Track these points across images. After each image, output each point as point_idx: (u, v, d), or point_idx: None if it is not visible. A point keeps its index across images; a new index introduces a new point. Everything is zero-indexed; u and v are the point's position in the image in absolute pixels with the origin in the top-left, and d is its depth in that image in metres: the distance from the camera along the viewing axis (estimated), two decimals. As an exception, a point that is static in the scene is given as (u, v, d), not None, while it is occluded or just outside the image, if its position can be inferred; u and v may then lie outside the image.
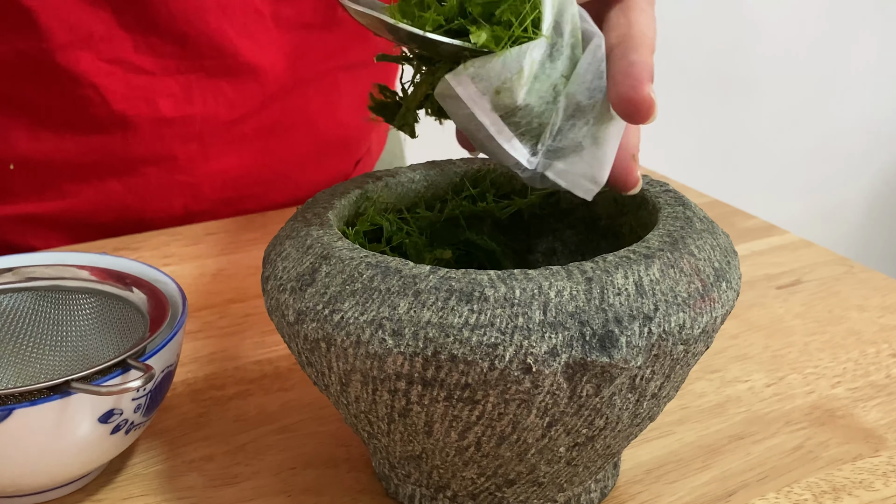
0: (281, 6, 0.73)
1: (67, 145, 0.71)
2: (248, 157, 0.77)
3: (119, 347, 0.47)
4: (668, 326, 0.37)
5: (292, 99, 0.77)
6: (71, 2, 0.66)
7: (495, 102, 0.39)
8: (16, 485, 0.43)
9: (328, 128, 0.80)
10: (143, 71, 0.70)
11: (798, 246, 0.73)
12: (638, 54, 0.39)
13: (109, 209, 0.74)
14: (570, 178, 0.41)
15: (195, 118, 0.73)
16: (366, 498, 0.46)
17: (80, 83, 0.68)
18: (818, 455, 0.49)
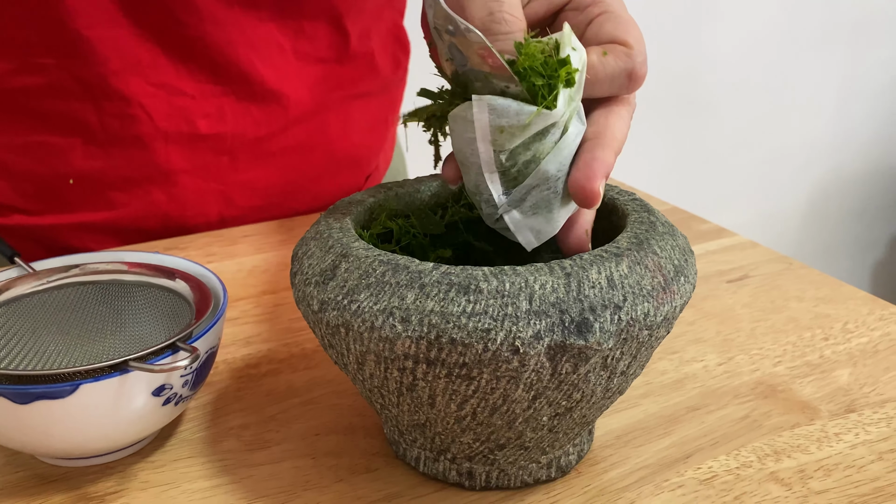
0: (299, 42, 0.73)
1: (116, 160, 0.71)
2: (273, 170, 0.77)
3: (169, 332, 0.47)
4: (635, 314, 0.37)
5: (312, 122, 0.77)
6: (123, 34, 0.66)
7: (495, 137, 0.39)
8: (82, 449, 0.43)
9: (342, 147, 0.80)
10: (184, 94, 0.70)
11: (745, 246, 0.73)
12: (602, 152, 0.40)
13: (154, 216, 0.74)
14: (520, 227, 0.42)
15: (227, 135, 0.73)
16: (379, 460, 0.46)
17: (130, 103, 0.68)
18: (762, 423, 0.49)
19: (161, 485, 0.44)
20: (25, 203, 0.72)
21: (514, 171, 0.40)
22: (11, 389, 0.40)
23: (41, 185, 0.71)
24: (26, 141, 0.69)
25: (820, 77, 2.03)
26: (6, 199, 0.71)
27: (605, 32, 0.42)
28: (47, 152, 0.69)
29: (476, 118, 0.39)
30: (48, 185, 0.71)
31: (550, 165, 0.40)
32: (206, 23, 0.68)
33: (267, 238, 0.75)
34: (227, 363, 0.55)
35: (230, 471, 0.45)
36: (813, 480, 0.44)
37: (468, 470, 0.43)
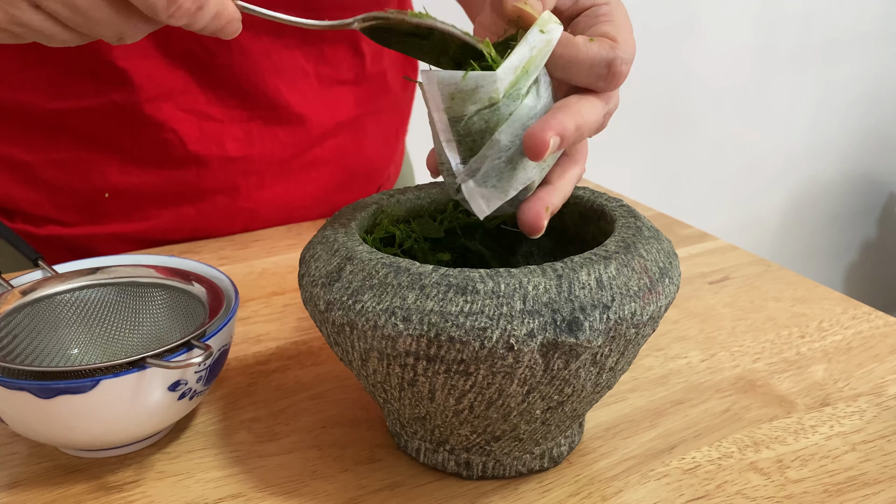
0: (321, 66, 0.73)
1: (150, 178, 0.71)
2: (295, 186, 0.77)
3: (184, 330, 0.47)
4: (623, 314, 0.37)
5: (330, 139, 0.77)
6: (155, 64, 0.67)
7: (448, 105, 0.39)
8: (101, 441, 0.43)
9: (357, 161, 0.81)
10: (214, 119, 0.70)
11: (726, 250, 0.73)
12: (562, 115, 0.38)
13: (183, 229, 0.74)
14: (473, 195, 0.40)
15: (255, 157, 0.73)
16: (381, 451, 0.46)
17: (163, 128, 0.68)
18: (742, 416, 0.49)
19: (176, 474, 0.44)
20: (61, 215, 0.71)
21: (469, 140, 0.39)
22: (35, 385, 0.39)
23: (77, 198, 0.71)
24: (64, 157, 0.69)
25: (795, 90, 2.04)
26: (42, 210, 0.71)
27: (600, 31, 0.42)
28: (84, 168, 0.69)
29: (427, 90, 0.39)
30: (84, 198, 0.71)
31: (503, 136, 0.39)
32: (234, 52, 0.68)
33: (276, 242, 0.75)
34: (239, 360, 0.55)
35: (242, 461, 0.45)
36: (790, 470, 0.44)
37: (466, 460, 0.43)
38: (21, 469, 0.45)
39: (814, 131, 2.12)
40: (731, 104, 1.96)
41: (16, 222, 0.72)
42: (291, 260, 0.71)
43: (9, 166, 0.69)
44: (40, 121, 0.67)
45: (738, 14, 1.87)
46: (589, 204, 0.47)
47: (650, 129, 1.87)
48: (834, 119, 2.13)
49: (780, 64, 1.98)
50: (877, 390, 0.51)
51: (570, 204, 0.48)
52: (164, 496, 0.42)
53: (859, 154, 2.21)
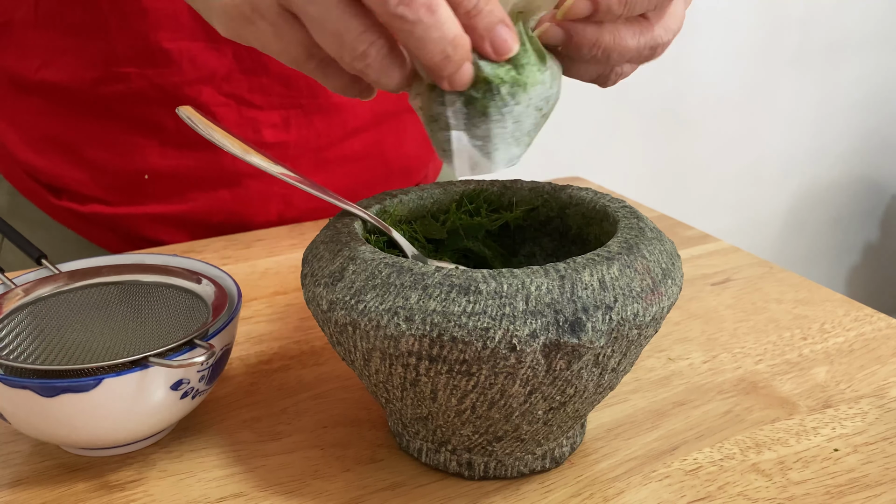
0: None
1: (188, 160, 0.72)
2: (330, 176, 0.78)
3: (187, 330, 0.47)
4: (625, 315, 0.37)
5: (369, 134, 0.78)
6: (200, 47, 0.68)
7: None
8: (104, 439, 0.43)
9: (395, 158, 0.81)
10: (253, 105, 0.71)
11: (728, 251, 0.73)
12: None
13: (219, 213, 0.75)
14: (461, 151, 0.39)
15: (290, 144, 0.74)
16: (383, 451, 0.46)
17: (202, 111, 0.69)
18: (744, 418, 0.49)
19: (178, 473, 0.44)
20: (104, 194, 0.73)
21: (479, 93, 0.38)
22: (38, 383, 0.39)
23: (119, 178, 0.72)
24: (108, 139, 0.71)
25: (797, 93, 2.04)
26: (87, 189, 0.73)
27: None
28: (127, 150, 0.71)
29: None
30: (126, 178, 0.72)
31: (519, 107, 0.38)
32: None
33: (278, 242, 0.75)
34: (241, 359, 0.55)
35: (244, 460, 0.45)
36: (792, 472, 0.44)
37: (468, 461, 0.43)
38: (23, 467, 0.45)
39: (816, 133, 2.12)
40: (734, 106, 1.95)
41: (62, 200, 0.74)
42: (293, 260, 0.71)
43: (57, 146, 0.71)
44: (86, 102, 0.69)
45: (741, 16, 1.87)
46: (592, 205, 0.47)
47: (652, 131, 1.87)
48: (836, 121, 2.13)
49: (782, 66, 1.98)
50: (879, 392, 0.51)
51: (572, 205, 0.48)
52: (166, 495, 0.42)
53: (861, 156, 2.21)
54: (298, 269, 0.69)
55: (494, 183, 0.51)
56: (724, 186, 2.03)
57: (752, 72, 1.94)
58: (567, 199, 0.49)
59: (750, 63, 1.93)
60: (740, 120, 1.98)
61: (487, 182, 0.51)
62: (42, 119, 0.71)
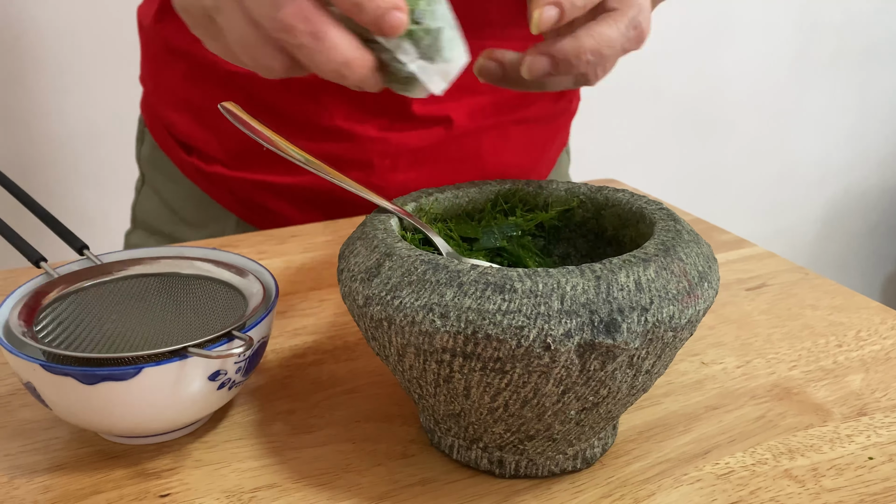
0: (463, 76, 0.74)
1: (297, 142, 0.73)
2: (427, 174, 0.79)
3: (225, 322, 0.47)
4: (661, 316, 0.37)
5: (468, 140, 0.79)
6: None
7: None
8: (142, 428, 0.44)
9: (493, 164, 0.82)
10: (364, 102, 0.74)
11: (764, 256, 0.72)
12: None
13: (324, 191, 0.78)
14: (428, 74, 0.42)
15: (391, 140, 0.76)
16: (414, 447, 0.46)
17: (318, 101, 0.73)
18: (777, 424, 0.48)
19: (213, 463, 0.45)
20: (226, 157, 0.78)
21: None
22: (80, 371, 0.40)
23: (242, 145, 0.76)
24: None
25: (833, 98, 2.01)
26: (212, 150, 0.78)
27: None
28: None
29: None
30: (247, 147, 0.76)
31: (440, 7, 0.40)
32: None
33: (314, 238, 0.76)
34: (276, 353, 0.55)
35: (277, 452, 0.45)
36: (825, 479, 0.44)
37: (499, 458, 0.43)
38: (62, 453, 0.45)
39: (852, 140, 2.09)
40: (768, 110, 1.93)
41: (192, 157, 0.80)
42: (328, 256, 0.71)
43: (193, 109, 0.78)
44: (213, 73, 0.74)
45: (776, 20, 1.85)
46: (628, 207, 0.47)
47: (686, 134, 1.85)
48: (872, 128, 2.10)
49: (818, 71, 1.95)
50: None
51: (608, 206, 0.48)
52: (200, 484, 0.43)
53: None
54: (333, 265, 0.70)
55: (530, 183, 0.51)
56: (757, 191, 2.01)
57: (787, 76, 1.92)
58: (603, 200, 0.48)
59: (785, 67, 1.91)
60: (775, 125, 1.96)
61: (523, 182, 0.51)
62: (186, 84, 0.77)
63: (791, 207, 2.09)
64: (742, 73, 1.86)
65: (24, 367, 0.41)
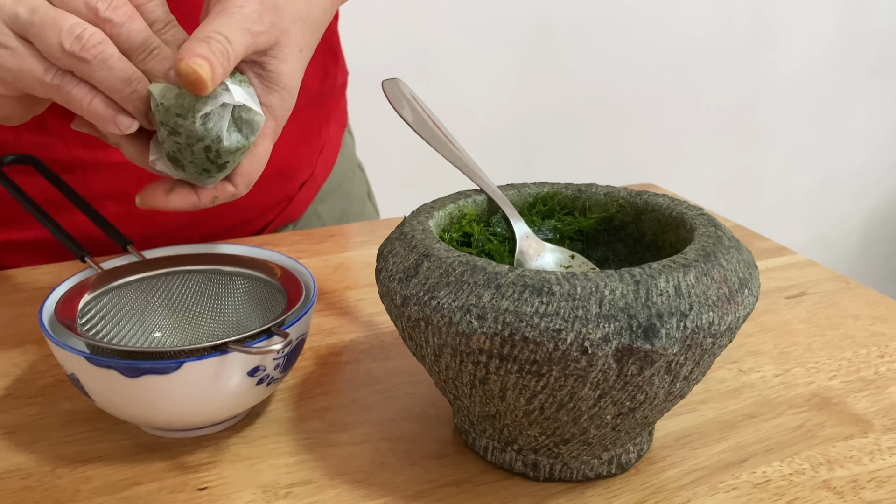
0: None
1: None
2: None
3: (264, 319, 0.48)
4: (700, 322, 0.36)
5: None
6: None
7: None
8: (181, 421, 0.44)
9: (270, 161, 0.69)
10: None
11: (804, 265, 0.71)
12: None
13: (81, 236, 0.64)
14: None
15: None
16: (449, 447, 0.46)
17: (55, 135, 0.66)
18: (816, 434, 0.48)
19: (250, 458, 0.45)
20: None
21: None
22: (122, 364, 0.41)
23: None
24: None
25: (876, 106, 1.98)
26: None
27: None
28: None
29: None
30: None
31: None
32: None
33: (350, 238, 0.76)
34: (313, 350, 0.56)
35: (313, 449, 0.46)
36: (865, 491, 0.43)
37: (533, 461, 0.43)
38: (104, 445, 0.46)
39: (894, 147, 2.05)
40: (810, 117, 1.91)
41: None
42: (364, 256, 0.72)
43: None
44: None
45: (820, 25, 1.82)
46: (668, 212, 0.47)
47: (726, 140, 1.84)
48: (918, 136, 2.06)
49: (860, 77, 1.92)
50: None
51: (648, 211, 0.48)
52: (238, 478, 0.43)
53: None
54: (369, 265, 0.70)
55: (569, 186, 0.51)
56: (798, 199, 1.99)
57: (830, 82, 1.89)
58: (643, 204, 0.48)
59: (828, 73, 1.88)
60: (816, 131, 1.94)
61: (562, 185, 0.51)
62: None
63: (832, 216, 2.06)
64: (784, 79, 1.84)
65: (69, 359, 0.42)
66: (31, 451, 0.45)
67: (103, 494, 0.42)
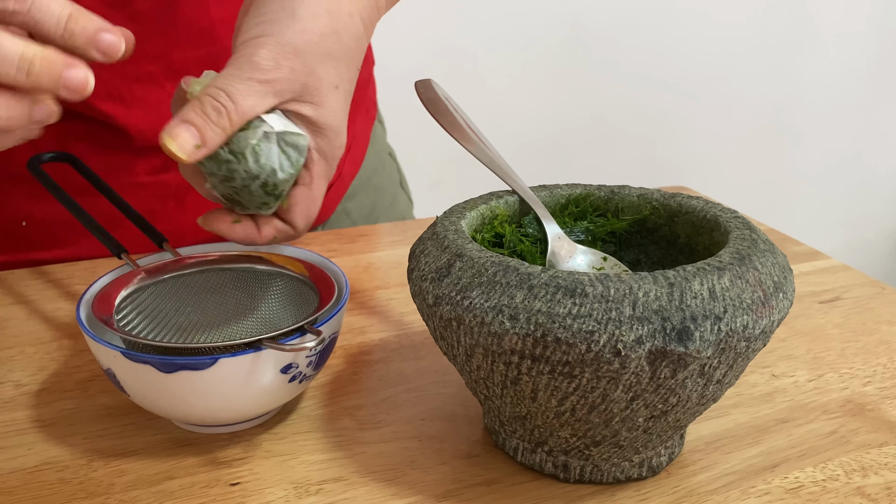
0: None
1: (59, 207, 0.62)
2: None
3: (296, 316, 0.48)
4: (734, 326, 0.36)
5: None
6: None
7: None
8: (215, 417, 0.45)
9: None
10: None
11: (838, 269, 0.70)
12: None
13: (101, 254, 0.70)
14: None
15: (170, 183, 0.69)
16: (479, 447, 0.46)
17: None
18: (850, 440, 0.47)
19: (282, 454, 0.46)
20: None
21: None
22: (158, 359, 0.41)
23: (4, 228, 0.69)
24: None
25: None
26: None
27: None
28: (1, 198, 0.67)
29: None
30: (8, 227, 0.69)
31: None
32: None
33: (381, 238, 0.77)
34: (344, 349, 0.56)
35: (344, 446, 0.46)
36: (900, 499, 0.43)
37: (563, 463, 0.43)
38: (138, 439, 0.47)
39: (934, 153, 2.02)
40: (845, 121, 1.89)
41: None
42: (395, 256, 0.72)
43: None
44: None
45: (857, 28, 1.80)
46: (702, 214, 0.46)
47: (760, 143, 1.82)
48: (956, 141, 2.03)
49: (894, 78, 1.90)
50: None
51: (681, 213, 0.48)
52: (269, 474, 0.44)
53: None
54: (399, 265, 0.70)
55: (602, 188, 0.51)
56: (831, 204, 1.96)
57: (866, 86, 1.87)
58: (677, 207, 0.48)
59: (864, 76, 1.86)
60: (852, 136, 1.91)
61: (595, 187, 0.51)
62: None
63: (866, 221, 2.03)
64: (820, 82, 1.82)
65: (106, 353, 0.43)
66: (67, 445, 0.46)
67: (137, 488, 0.43)
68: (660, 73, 1.66)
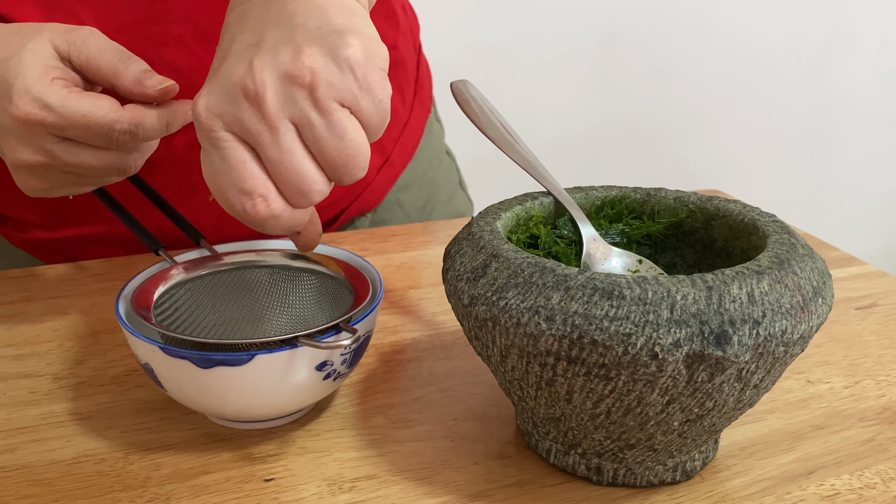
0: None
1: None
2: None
3: (331, 314, 0.49)
4: (773, 330, 0.36)
5: None
6: None
7: None
8: (250, 413, 0.45)
9: None
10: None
11: (875, 275, 0.69)
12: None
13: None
14: None
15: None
16: (511, 447, 0.46)
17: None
18: (887, 448, 0.47)
19: (316, 451, 0.46)
20: (39, 218, 0.71)
21: None
22: (196, 355, 0.42)
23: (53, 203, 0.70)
24: None
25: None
26: (25, 215, 0.71)
27: None
28: None
29: None
30: (56, 202, 0.69)
31: None
32: None
33: (413, 238, 0.77)
34: (377, 348, 0.57)
35: (377, 444, 0.46)
36: (939, 508, 0.42)
37: (597, 465, 0.43)
38: (174, 433, 0.47)
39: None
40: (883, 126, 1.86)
41: (7, 226, 0.73)
42: (427, 256, 0.72)
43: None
44: None
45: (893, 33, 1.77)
46: (740, 218, 0.46)
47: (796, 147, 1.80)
48: None
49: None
50: None
51: (718, 217, 0.47)
52: (303, 471, 0.44)
53: None
54: (431, 264, 0.71)
55: (637, 190, 0.50)
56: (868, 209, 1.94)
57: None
58: (714, 210, 0.48)
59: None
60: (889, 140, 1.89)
61: (630, 189, 0.51)
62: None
63: (902, 227, 2.00)
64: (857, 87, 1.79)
65: (144, 348, 0.43)
66: (104, 438, 0.47)
67: (173, 482, 0.43)
68: (695, 77, 1.65)
